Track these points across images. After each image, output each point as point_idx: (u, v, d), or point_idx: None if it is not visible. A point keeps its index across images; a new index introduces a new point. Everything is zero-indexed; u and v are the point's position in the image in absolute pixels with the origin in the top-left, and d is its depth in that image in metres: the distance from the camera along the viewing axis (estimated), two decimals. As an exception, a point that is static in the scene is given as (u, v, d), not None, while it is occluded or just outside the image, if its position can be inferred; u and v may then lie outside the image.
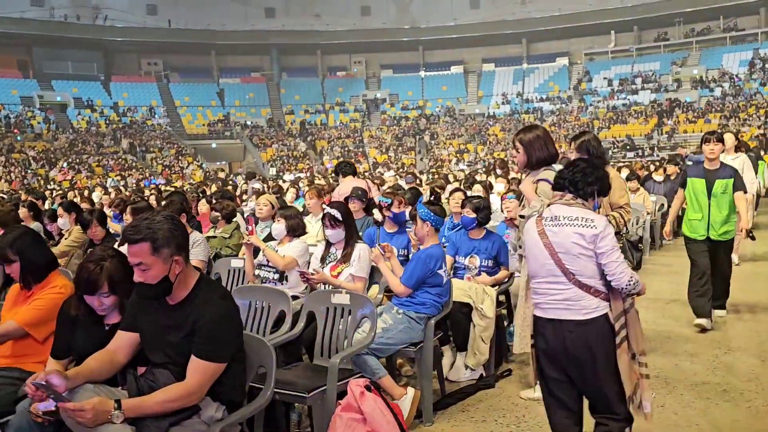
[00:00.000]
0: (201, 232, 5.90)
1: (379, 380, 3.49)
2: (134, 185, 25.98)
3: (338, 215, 4.18)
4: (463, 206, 4.95)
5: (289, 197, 9.10)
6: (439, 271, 3.90)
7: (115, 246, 3.66)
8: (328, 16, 48.84)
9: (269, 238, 5.23)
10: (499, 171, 10.63)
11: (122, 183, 26.04)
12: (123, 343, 2.54)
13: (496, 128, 41.40)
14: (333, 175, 9.00)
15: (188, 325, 2.40)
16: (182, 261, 2.43)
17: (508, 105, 45.89)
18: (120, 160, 34.62)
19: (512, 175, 10.72)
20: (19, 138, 35.44)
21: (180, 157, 37.23)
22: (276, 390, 2.78)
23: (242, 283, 4.67)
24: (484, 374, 4.44)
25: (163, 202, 5.46)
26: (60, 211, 6.01)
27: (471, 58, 50.72)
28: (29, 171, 30.52)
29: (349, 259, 4.18)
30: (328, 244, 4.34)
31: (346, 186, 6.73)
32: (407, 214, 5.06)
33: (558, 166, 4.12)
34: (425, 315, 3.87)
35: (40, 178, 29.22)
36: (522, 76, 48.50)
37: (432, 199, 4.18)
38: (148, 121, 42.41)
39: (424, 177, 17.97)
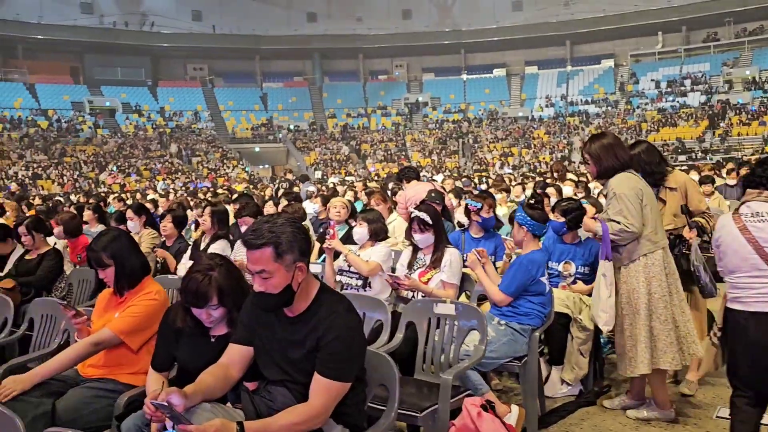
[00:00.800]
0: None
1: (483, 396, 3.25)
2: (182, 188, 26.29)
3: (428, 219, 3.94)
4: (552, 210, 4.67)
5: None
6: (541, 279, 3.62)
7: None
8: (370, 19, 48.91)
9: (344, 242, 5.04)
10: (555, 174, 10.28)
11: (171, 186, 26.36)
12: (236, 357, 2.33)
13: (541, 131, 40.77)
14: (396, 180, 8.74)
15: (311, 341, 2.19)
16: (305, 268, 2.22)
17: (552, 108, 45.21)
18: (167, 163, 35.16)
19: (569, 176, 10.35)
20: (70, 142, 36.32)
21: (225, 161, 37.63)
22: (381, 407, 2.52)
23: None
24: (583, 390, 4.16)
25: (238, 205, 5.35)
26: (130, 213, 5.90)
27: (513, 60, 50.19)
28: (80, 174, 31.19)
29: (439, 265, 3.93)
30: (415, 249, 4.11)
31: (412, 190, 6.52)
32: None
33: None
34: (529, 326, 3.60)
35: (90, 181, 29.83)
36: (566, 79, 47.72)
37: (533, 202, 3.90)
38: (194, 125, 43.09)
39: (476, 180, 17.66)
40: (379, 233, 4.41)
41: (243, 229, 4.67)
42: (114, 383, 2.86)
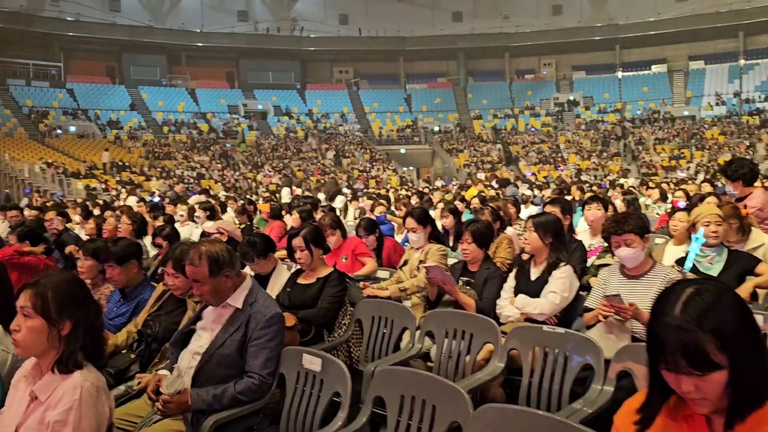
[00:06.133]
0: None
1: None
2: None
3: None
4: None
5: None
6: None
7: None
8: (518, 17, 46.91)
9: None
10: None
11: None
12: None
13: (715, 131, 36.74)
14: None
15: None
16: None
17: (723, 106, 40.78)
18: (319, 164, 35.36)
19: None
20: (227, 144, 37.64)
21: (374, 162, 37.30)
22: None
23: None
24: None
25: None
26: (411, 222, 4.54)
27: (675, 55, 46.07)
28: (240, 174, 31.99)
29: None
30: None
31: (761, 198, 4.89)
32: None
33: None
34: None
35: (249, 180, 30.43)
36: (738, 74, 42.95)
37: None
38: (340, 126, 43.38)
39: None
40: None
41: (626, 256, 3.33)
42: None
